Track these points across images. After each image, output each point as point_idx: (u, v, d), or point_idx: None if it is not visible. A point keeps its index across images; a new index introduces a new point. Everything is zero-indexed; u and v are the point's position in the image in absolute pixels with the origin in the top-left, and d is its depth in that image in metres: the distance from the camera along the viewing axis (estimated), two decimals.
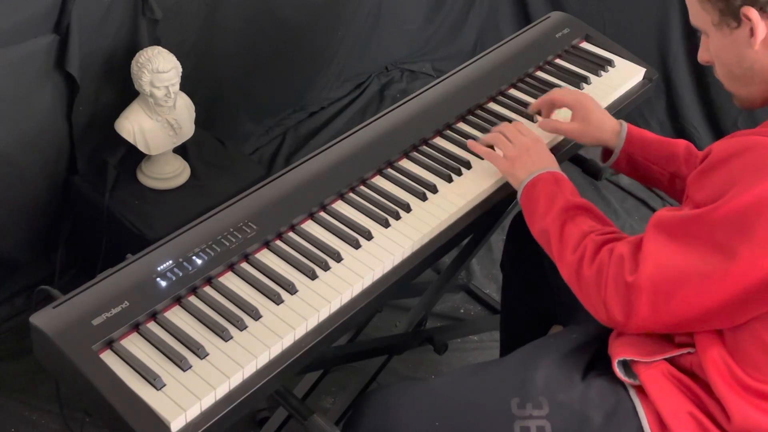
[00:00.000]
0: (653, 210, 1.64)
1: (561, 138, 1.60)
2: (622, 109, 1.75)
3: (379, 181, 1.49)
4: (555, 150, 1.59)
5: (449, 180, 1.49)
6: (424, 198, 1.45)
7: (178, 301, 1.24)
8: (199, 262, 1.27)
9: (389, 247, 1.35)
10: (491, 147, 1.49)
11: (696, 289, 1.05)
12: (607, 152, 1.56)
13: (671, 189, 1.52)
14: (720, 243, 1.03)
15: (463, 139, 1.59)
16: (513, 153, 1.42)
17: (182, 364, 1.14)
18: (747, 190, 1.01)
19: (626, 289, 1.10)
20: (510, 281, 1.74)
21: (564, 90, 1.59)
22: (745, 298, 1.04)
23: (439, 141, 1.59)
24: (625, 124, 1.53)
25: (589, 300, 1.16)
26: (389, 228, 1.39)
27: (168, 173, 1.96)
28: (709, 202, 1.05)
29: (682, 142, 1.51)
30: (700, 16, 1.15)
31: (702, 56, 1.22)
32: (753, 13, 1.07)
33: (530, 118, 1.65)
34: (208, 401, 1.12)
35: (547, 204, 1.30)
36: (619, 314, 1.11)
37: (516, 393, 1.22)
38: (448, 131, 1.61)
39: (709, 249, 1.04)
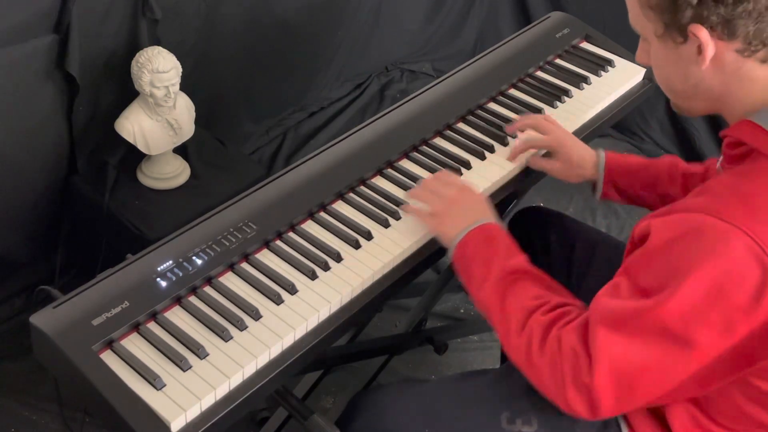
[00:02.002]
0: (653, 210, 1.62)
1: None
2: (622, 109, 1.75)
3: (379, 181, 1.49)
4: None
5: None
6: None
7: (178, 301, 1.24)
8: (199, 262, 1.27)
9: (389, 247, 1.35)
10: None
11: (659, 377, 1.00)
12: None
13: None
14: (676, 334, 0.96)
15: (463, 139, 1.59)
16: (439, 208, 1.32)
17: (182, 364, 1.14)
18: (695, 278, 0.94)
19: (588, 390, 1.02)
20: None
21: (541, 136, 1.53)
22: (708, 373, 1.00)
23: (439, 141, 1.59)
24: (602, 156, 1.48)
25: (547, 391, 1.08)
26: (389, 228, 1.39)
27: (168, 173, 1.96)
28: (655, 290, 0.97)
29: (664, 162, 1.46)
30: (641, 22, 1.06)
31: (640, 58, 1.13)
32: (702, 32, 0.99)
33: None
34: (208, 401, 1.12)
35: (482, 271, 1.21)
36: (583, 411, 1.04)
37: (506, 407, 1.22)
38: (448, 131, 1.61)
39: (666, 341, 0.97)
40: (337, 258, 1.32)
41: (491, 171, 1.52)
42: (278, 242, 1.35)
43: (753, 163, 1.00)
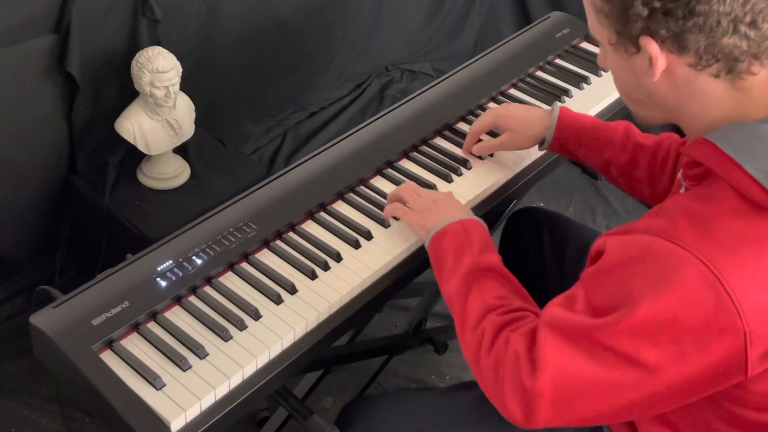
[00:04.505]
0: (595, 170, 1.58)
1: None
2: (622, 108, 1.75)
3: (379, 181, 1.49)
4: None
5: (449, 180, 1.49)
6: None
7: (178, 301, 1.24)
8: (199, 262, 1.27)
9: (390, 247, 1.35)
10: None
11: (601, 396, 0.97)
12: None
13: (607, 174, 1.45)
14: (626, 354, 0.94)
15: (463, 139, 1.58)
16: (420, 205, 1.31)
17: (182, 364, 1.14)
18: (648, 302, 0.91)
19: (524, 392, 0.99)
20: None
21: (478, 120, 1.52)
22: (662, 398, 0.97)
23: (439, 141, 1.59)
24: (556, 109, 1.45)
25: (488, 392, 1.07)
26: (389, 228, 1.39)
27: (168, 173, 1.96)
28: (608, 309, 0.95)
29: (620, 126, 1.43)
30: (596, 28, 1.03)
31: (601, 61, 1.11)
32: (652, 45, 0.96)
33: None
34: (208, 401, 1.12)
35: (453, 262, 1.20)
36: (518, 415, 1.01)
37: (498, 421, 1.16)
38: (448, 131, 1.61)
39: (616, 360, 0.94)
40: (337, 258, 1.32)
41: (491, 171, 1.52)
42: (278, 242, 1.35)
43: (711, 186, 0.97)
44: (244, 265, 1.31)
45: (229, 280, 1.28)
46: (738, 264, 0.89)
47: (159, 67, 1.76)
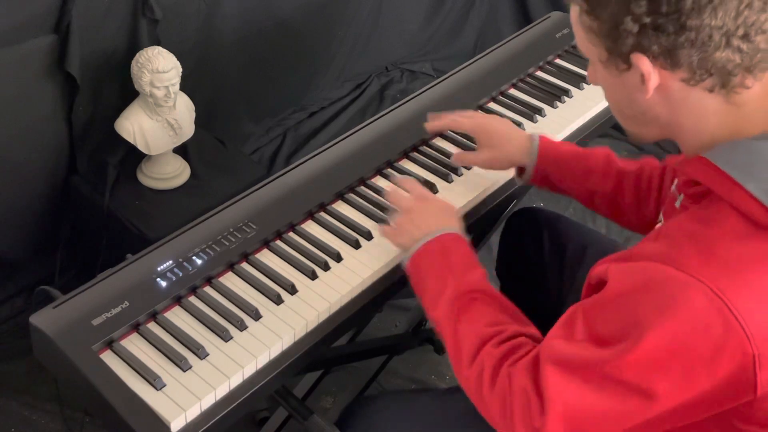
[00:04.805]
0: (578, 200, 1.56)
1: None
2: None
3: (379, 181, 1.49)
4: None
5: (449, 180, 1.49)
6: None
7: (178, 301, 1.24)
8: (199, 262, 1.27)
9: (389, 247, 1.35)
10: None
11: (614, 423, 0.96)
12: (521, 168, 1.45)
13: (591, 205, 1.42)
14: (634, 385, 0.93)
15: (463, 139, 1.58)
16: (399, 221, 1.27)
17: (182, 365, 1.14)
18: (656, 331, 0.90)
19: (535, 431, 0.99)
20: (507, 287, 1.72)
21: (462, 117, 1.48)
22: (665, 419, 0.97)
23: (439, 141, 1.59)
24: (536, 140, 1.41)
25: (497, 426, 1.06)
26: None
27: (168, 173, 1.96)
28: (614, 339, 0.93)
29: (599, 156, 1.40)
30: (585, 45, 1.01)
31: (591, 79, 1.07)
32: (644, 61, 0.94)
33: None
34: (208, 401, 1.12)
35: (436, 286, 1.17)
36: None
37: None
38: (448, 131, 1.61)
39: (624, 392, 0.93)
40: (337, 258, 1.32)
41: (491, 171, 1.51)
42: (278, 242, 1.35)
43: (711, 206, 0.95)
44: (244, 265, 1.31)
45: (229, 280, 1.28)
46: (744, 287, 0.88)
47: (159, 67, 1.76)
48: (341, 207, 1.43)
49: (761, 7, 0.89)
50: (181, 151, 2.01)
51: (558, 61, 1.83)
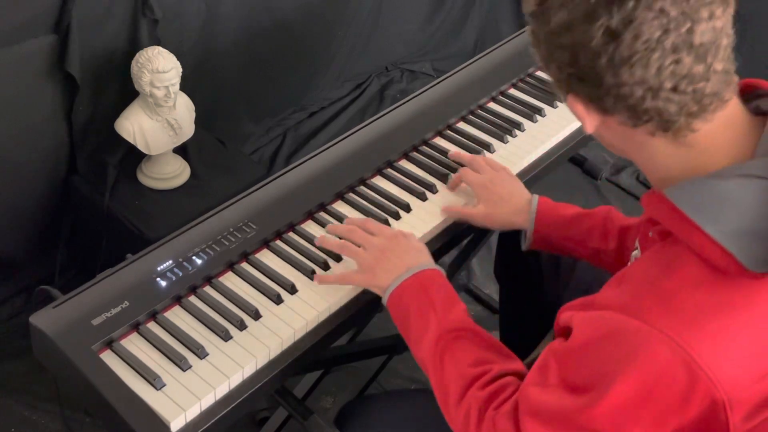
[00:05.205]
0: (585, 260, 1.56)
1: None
2: None
3: (379, 181, 1.49)
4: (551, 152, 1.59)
5: (448, 181, 1.49)
6: (423, 198, 1.45)
7: (178, 301, 1.24)
8: (199, 262, 1.27)
9: None
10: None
11: None
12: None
13: (599, 264, 1.38)
14: None
15: (463, 139, 1.59)
16: (369, 261, 1.24)
17: (182, 364, 1.14)
18: (622, 383, 0.89)
19: None
20: (505, 288, 1.72)
21: (469, 171, 1.45)
22: None
23: (439, 141, 1.59)
24: (534, 203, 1.39)
25: None
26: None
27: (168, 173, 1.96)
28: (584, 387, 0.93)
29: (599, 215, 1.37)
30: (546, 70, 1.00)
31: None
32: (577, 105, 0.94)
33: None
34: (207, 401, 1.12)
35: (419, 325, 1.16)
36: None
37: None
38: (448, 131, 1.61)
39: None
40: (337, 258, 1.32)
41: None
42: (278, 242, 1.35)
43: (673, 247, 0.93)
44: (244, 265, 1.31)
45: (229, 280, 1.28)
46: (707, 337, 0.87)
47: (159, 67, 1.76)
48: (341, 207, 1.43)
49: (693, 60, 0.86)
50: (181, 151, 2.01)
51: None
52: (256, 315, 1.22)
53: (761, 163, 0.90)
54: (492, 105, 1.70)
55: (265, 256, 1.32)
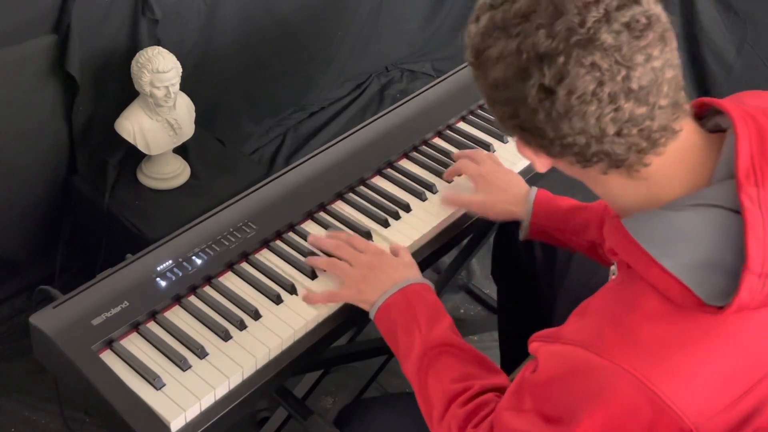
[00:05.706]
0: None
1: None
2: None
3: (379, 181, 1.49)
4: None
5: (448, 181, 1.49)
6: (423, 198, 1.45)
7: (178, 301, 1.24)
8: (199, 262, 1.27)
9: (389, 248, 1.35)
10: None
11: None
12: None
13: (595, 256, 1.38)
14: None
15: (463, 139, 1.59)
16: (355, 277, 1.25)
17: (182, 364, 1.14)
18: (589, 418, 0.89)
19: None
20: (503, 288, 1.72)
21: (469, 161, 1.47)
22: None
23: (439, 141, 1.59)
24: (533, 194, 1.39)
25: None
26: (389, 228, 1.39)
27: (168, 173, 1.96)
28: (555, 418, 0.93)
29: (597, 207, 1.36)
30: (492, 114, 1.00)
31: None
32: (526, 151, 0.95)
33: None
34: (207, 401, 1.12)
35: (405, 341, 1.18)
36: None
37: None
38: (448, 131, 1.61)
39: None
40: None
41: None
42: (278, 242, 1.35)
43: (632, 281, 0.93)
44: (244, 265, 1.31)
45: (229, 280, 1.28)
46: (669, 371, 0.87)
47: (159, 67, 1.76)
48: (341, 207, 1.43)
49: (634, 104, 0.85)
50: (181, 151, 2.01)
51: None
52: (255, 315, 1.22)
53: (716, 190, 0.89)
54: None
55: (265, 256, 1.33)
